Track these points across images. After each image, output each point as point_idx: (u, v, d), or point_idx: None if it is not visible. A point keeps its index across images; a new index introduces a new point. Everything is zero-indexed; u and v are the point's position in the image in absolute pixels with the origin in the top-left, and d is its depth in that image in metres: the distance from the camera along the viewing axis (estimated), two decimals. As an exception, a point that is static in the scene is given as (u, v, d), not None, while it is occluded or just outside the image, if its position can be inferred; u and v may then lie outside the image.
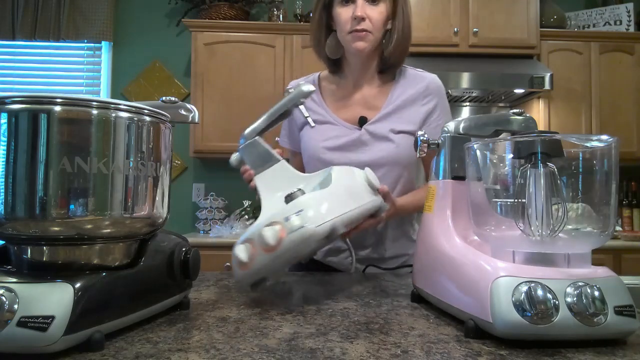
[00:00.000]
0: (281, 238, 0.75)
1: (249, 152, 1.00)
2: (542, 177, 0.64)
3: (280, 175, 0.99)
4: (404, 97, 1.22)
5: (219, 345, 0.59)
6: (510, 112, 0.84)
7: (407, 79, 1.25)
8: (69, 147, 0.58)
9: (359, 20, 1.13)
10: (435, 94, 1.23)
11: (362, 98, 1.25)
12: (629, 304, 0.60)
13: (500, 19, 3.07)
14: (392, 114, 1.21)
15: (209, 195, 3.24)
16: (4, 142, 0.57)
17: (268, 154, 1.00)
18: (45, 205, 0.57)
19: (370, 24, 1.14)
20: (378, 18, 1.15)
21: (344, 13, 1.15)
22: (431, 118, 1.22)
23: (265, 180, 0.99)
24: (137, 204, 0.63)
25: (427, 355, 0.56)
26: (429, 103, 1.22)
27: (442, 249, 0.76)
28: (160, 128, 0.67)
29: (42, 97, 0.57)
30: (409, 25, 1.21)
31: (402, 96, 1.23)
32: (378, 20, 1.15)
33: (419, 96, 1.22)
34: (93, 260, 0.62)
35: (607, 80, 3.16)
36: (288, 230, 0.75)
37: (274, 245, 0.75)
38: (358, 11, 1.13)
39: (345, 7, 1.16)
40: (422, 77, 1.25)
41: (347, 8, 1.15)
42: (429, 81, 1.24)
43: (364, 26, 1.14)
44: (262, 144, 1.00)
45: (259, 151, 1.00)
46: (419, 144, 0.85)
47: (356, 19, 1.13)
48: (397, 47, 1.20)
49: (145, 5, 3.47)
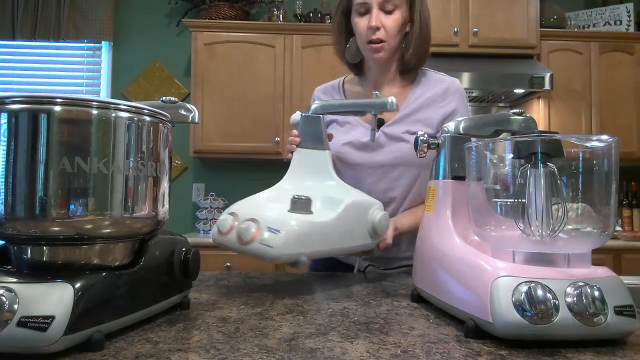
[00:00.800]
0: (252, 239, 0.82)
1: (309, 123, 1.03)
2: (542, 177, 0.64)
3: (318, 162, 1.02)
4: (422, 99, 1.24)
5: (219, 345, 0.59)
6: (510, 112, 0.84)
7: (428, 81, 1.27)
8: (69, 147, 0.58)
9: (374, 30, 1.17)
10: (454, 97, 1.23)
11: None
12: (629, 304, 0.60)
13: (500, 19, 3.08)
14: (410, 115, 1.22)
15: (209, 195, 3.24)
16: (4, 142, 0.57)
17: (322, 137, 1.03)
18: (45, 205, 0.57)
19: (385, 33, 1.17)
20: (393, 26, 1.18)
21: (361, 23, 1.19)
22: (449, 120, 1.22)
23: (303, 158, 1.02)
24: (137, 204, 0.63)
25: (427, 355, 0.56)
26: (447, 105, 1.22)
27: (442, 249, 0.76)
28: (160, 128, 0.67)
29: (42, 97, 0.57)
30: (427, 29, 1.23)
31: (420, 98, 1.24)
32: (393, 28, 1.18)
33: (438, 98, 1.23)
34: (93, 260, 0.62)
35: (607, 80, 3.16)
36: (259, 239, 0.81)
37: (244, 240, 0.82)
38: (373, 21, 1.16)
39: (362, 17, 1.19)
40: (442, 80, 1.26)
41: (364, 18, 1.19)
42: (449, 84, 1.25)
43: (379, 36, 1.17)
44: (323, 125, 1.03)
45: (316, 129, 1.03)
46: (419, 144, 0.85)
47: (371, 29, 1.17)
48: (416, 51, 1.22)
49: (145, 5, 3.47)
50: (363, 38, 1.19)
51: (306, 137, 1.03)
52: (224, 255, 2.67)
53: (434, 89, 1.24)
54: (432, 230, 0.82)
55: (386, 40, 1.18)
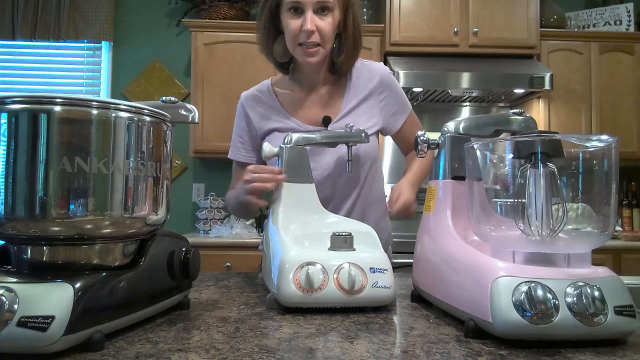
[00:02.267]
0: (362, 287, 0.76)
1: (293, 157, 0.97)
2: (542, 177, 0.64)
3: (306, 196, 0.97)
4: (362, 93, 1.23)
5: (219, 345, 0.59)
6: (510, 112, 0.84)
7: (361, 73, 1.25)
8: (69, 147, 0.58)
9: (308, 33, 1.09)
10: (387, 85, 1.25)
11: (318, 98, 1.24)
12: (629, 304, 0.60)
13: (500, 19, 3.07)
14: (355, 109, 1.22)
15: (209, 195, 3.23)
16: (4, 142, 0.57)
17: (308, 169, 0.98)
18: (45, 205, 0.57)
19: (319, 37, 1.11)
20: (328, 29, 1.11)
21: (292, 23, 1.11)
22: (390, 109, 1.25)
23: (292, 192, 0.96)
24: (137, 204, 0.63)
25: (427, 355, 0.56)
26: (383, 93, 1.24)
27: (442, 249, 0.76)
28: (161, 128, 0.67)
29: (42, 97, 0.57)
30: (359, 33, 1.19)
31: (359, 92, 1.23)
32: (328, 32, 1.12)
33: (375, 90, 1.24)
34: (93, 260, 0.62)
35: (607, 80, 3.15)
36: (370, 284, 0.77)
37: (354, 290, 0.76)
38: (308, 24, 1.08)
39: (294, 17, 1.11)
40: (373, 70, 1.26)
41: (296, 19, 1.11)
42: (381, 74, 1.25)
43: (314, 39, 1.10)
44: (307, 157, 0.98)
45: (302, 162, 0.97)
46: (419, 144, 0.85)
47: (305, 32, 1.09)
48: (348, 56, 1.18)
49: (145, 5, 3.47)
50: (295, 39, 1.12)
51: (292, 171, 0.96)
52: (224, 255, 2.67)
53: (370, 81, 1.24)
54: (432, 230, 0.82)
55: (321, 44, 1.12)
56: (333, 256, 0.79)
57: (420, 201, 0.96)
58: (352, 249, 0.82)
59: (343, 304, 0.76)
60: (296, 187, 0.96)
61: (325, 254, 0.79)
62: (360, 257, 0.79)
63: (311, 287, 0.74)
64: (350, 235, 0.82)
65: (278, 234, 0.87)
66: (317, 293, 0.75)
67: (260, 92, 1.28)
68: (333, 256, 0.79)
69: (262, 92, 1.27)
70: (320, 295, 0.75)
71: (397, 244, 2.65)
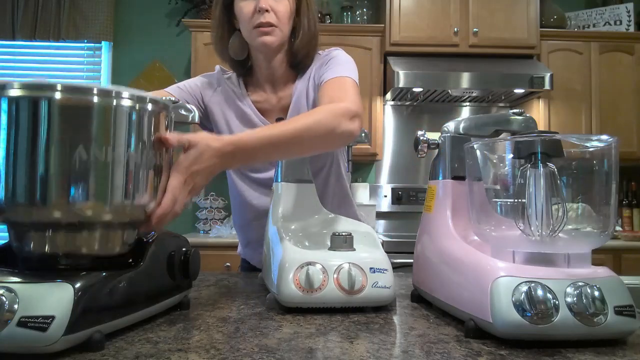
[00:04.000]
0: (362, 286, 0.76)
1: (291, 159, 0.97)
2: (542, 177, 0.64)
3: (306, 196, 0.96)
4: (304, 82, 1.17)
5: (219, 345, 0.59)
6: (510, 112, 0.84)
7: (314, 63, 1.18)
8: (70, 134, 0.57)
9: (263, 12, 1.05)
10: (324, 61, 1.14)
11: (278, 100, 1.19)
12: (629, 304, 0.60)
13: (500, 19, 3.07)
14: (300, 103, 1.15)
15: (209, 195, 3.23)
16: (5, 129, 0.57)
17: (307, 169, 0.97)
18: (46, 191, 0.56)
19: (275, 17, 1.07)
20: (284, 11, 1.09)
21: (246, 7, 1.07)
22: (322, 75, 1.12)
23: (291, 192, 0.96)
24: (137, 191, 0.63)
25: (427, 355, 0.56)
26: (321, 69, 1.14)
27: (442, 249, 0.76)
28: (162, 116, 0.67)
29: (43, 83, 0.57)
30: (314, 22, 1.15)
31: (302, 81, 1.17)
32: (284, 13, 1.09)
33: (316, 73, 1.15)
34: (94, 247, 0.62)
35: (607, 80, 3.15)
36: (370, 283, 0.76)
37: (355, 289, 0.76)
38: (262, 3, 1.05)
39: (248, 1, 1.08)
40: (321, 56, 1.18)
41: (250, 2, 1.07)
42: (323, 55, 1.18)
43: (269, 19, 1.06)
44: (307, 157, 0.98)
45: (301, 162, 0.97)
46: (419, 144, 0.85)
47: (260, 11, 1.06)
48: (304, 44, 1.14)
49: (145, 5, 3.47)
50: (250, 22, 1.07)
51: (292, 171, 0.96)
52: (224, 255, 2.67)
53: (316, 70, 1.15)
54: (432, 230, 0.82)
55: (277, 25, 1.08)
56: (333, 256, 0.79)
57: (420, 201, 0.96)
58: (352, 249, 0.82)
59: (343, 304, 0.76)
60: (296, 187, 0.96)
61: (325, 254, 0.79)
62: (360, 257, 0.79)
63: (311, 287, 0.74)
64: (350, 235, 0.82)
65: (278, 233, 0.87)
66: (317, 293, 0.75)
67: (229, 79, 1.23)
68: (333, 256, 0.79)
69: (230, 79, 1.23)
70: (320, 295, 0.75)
71: (397, 244, 2.66)
